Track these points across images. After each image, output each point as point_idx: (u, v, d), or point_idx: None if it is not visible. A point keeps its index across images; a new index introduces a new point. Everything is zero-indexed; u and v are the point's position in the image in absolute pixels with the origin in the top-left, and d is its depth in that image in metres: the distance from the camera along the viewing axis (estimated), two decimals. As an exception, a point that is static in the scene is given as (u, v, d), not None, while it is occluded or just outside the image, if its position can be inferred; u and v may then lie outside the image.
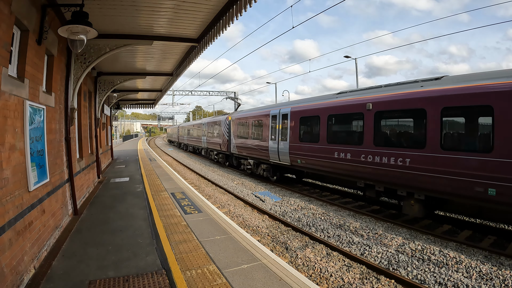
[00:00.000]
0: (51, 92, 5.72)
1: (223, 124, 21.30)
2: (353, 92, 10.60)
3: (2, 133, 3.56)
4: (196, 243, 5.42)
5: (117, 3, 5.50)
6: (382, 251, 6.71)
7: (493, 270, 5.70)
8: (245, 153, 17.58)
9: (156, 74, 12.18)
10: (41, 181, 4.86)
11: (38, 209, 4.66)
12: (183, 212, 7.41)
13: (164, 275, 4.20)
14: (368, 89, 10.00)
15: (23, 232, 3.98)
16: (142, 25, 6.71)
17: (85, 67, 7.13)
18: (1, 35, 3.52)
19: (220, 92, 46.31)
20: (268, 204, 11.05)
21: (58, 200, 5.91)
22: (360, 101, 9.61)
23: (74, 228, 6.17)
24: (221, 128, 21.61)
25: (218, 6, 5.81)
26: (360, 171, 9.35)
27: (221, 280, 4.07)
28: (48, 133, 5.37)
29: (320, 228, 8.35)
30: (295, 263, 6.34)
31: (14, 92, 3.90)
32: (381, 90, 9.24)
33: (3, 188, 3.51)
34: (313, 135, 11.80)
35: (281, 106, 14.39)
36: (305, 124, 12.49)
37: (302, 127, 12.57)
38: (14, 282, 3.57)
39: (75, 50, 4.82)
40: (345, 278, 5.64)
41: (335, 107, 10.74)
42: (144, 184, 11.18)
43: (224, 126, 21.09)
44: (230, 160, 21.05)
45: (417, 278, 5.64)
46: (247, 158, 17.50)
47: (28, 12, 4.34)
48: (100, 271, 4.32)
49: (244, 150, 17.74)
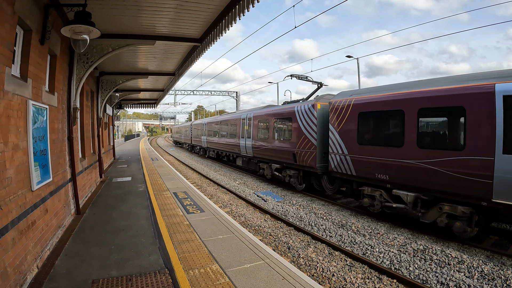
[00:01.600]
0: (53, 91, 5.74)
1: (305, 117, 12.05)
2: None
3: (6, 133, 3.57)
4: (198, 242, 5.43)
5: (119, 3, 5.50)
6: (384, 250, 6.70)
7: (495, 270, 5.68)
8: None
9: (158, 73, 12.20)
10: (44, 181, 4.87)
11: (41, 208, 4.68)
12: (185, 212, 7.42)
13: (167, 275, 4.21)
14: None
15: (26, 232, 3.99)
16: (144, 25, 6.71)
17: (88, 67, 7.14)
18: (4, 35, 3.53)
19: (221, 92, 46.38)
20: (270, 203, 11.05)
21: (61, 199, 5.93)
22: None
23: (77, 228, 6.18)
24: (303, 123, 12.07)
25: (220, 6, 5.80)
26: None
27: (224, 279, 4.07)
28: (51, 132, 5.39)
29: (322, 227, 8.34)
30: (297, 262, 6.34)
31: (17, 91, 3.92)
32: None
33: (6, 187, 3.52)
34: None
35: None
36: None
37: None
38: (17, 282, 3.58)
39: (78, 50, 4.83)
40: (347, 277, 5.64)
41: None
42: (146, 184, 11.20)
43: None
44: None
45: (419, 278, 5.63)
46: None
47: (31, 12, 4.36)
48: (103, 270, 4.33)
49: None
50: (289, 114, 12.89)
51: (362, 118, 9.44)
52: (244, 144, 17.56)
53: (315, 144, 11.17)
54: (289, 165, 12.99)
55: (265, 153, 15.02)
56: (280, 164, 13.67)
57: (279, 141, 13.78)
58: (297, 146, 12.11)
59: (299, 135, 11.98)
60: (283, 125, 13.90)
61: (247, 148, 17.14)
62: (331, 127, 10.43)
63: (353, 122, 9.63)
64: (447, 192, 7.14)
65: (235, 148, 19.13)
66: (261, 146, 15.37)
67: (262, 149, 15.27)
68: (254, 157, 16.45)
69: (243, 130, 17.74)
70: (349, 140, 9.77)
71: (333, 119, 10.36)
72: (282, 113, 13.66)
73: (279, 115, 13.93)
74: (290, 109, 12.83)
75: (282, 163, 13.47)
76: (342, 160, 9.91)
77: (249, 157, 17.16)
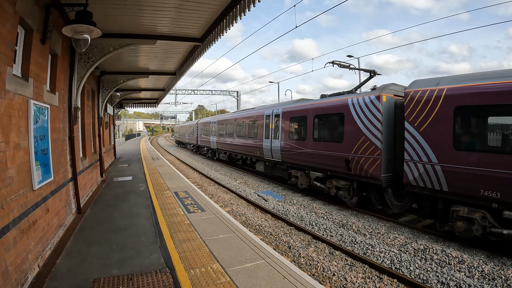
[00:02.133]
0: (55, 91, 5.75)
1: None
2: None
3: (7, 132, 3.58)
4: (199, 242, 5.43)
5: (120, 3, 5.51)
6: (385, 250, 6.70)
7: (495, 270, 5.68)
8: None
9: (159, 73, 12.20)
10: (45, 180, 4.88)
11: (42, 207, 4.69)
12: (186, 211, 7.43)
13: (168, 274, 4.22)
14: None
15: (28, 231, 4.00)
16: (145, 24, 6.72)
17: (89, 66, 7.15)
18: (6, 34, 3.54)
19: (222, 91, 46.39)
20: (271, 203, 11.06)
21: (62, 199, 5.94)
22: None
23: (78, 227, 6.20)
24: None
25: (221, 6, 5.80)
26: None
27: (225, 278, 4.08)
28: (52, 132, 5.40)
29: (323, 227, 8.35)
30: (298, 262, 6.34)
31: (18, 91, 3.93)
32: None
33: (8, 186, 3.53)
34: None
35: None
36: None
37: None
38: (19, 281, 3.59)
39: (79, 49, 4.84)
40: (347, 277, 5.64)
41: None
42: (147, 183, 11.22)
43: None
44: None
45: (420, 278, 5.63)
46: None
47: (32, 12, 4.36)
48: (104, 269, 4.34)
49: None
50: (339, 109, 10.23)
51: (461, 115, 7.03)
52: (268, 146, 14.66)
53: (380, 148, 8.65)
54: (337, 174, 10.37)
55: (300, 157, 12.18)
56: (323, 173, 10.95)
57: (323, 144, 11.02)
58: (352, 150, 9.50)
59: (356, 136, 9.39)
60: (329, 123, 11.09)
61: (273, 151, 14.22)
62: (408, 126, 7.84)
63: (446, 120, 7.18)
64: None
65: (256, 151, 16.13)
66: (295, 149, 12.49)
67: (296, 153, 12.38)
68: (282, 162, 13.50)
69: (268, 129, 14.90)
70: (439, 144, 7.27)
71: (413, 116, 7.77)
72: (328, 108, 10.91)
73: (324, 110, 11.16)
74: (340, 103, 10.18)
75: (326, 171, 10.80)
76: (426, 171, 7.43)
77: (275, 162, 14.19)
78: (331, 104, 10.83)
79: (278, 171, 14.39)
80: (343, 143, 9.96)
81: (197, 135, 31.54)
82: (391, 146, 8.76)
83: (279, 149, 13.57)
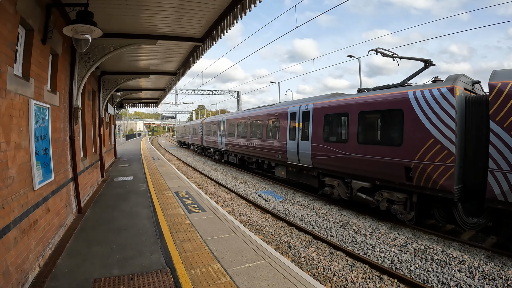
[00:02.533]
0: (55, 91, 5.75)
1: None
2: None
3: (8, 132, 3.58)
4: (200, 241, 5.44)
5: (121, 3, 5.51)
6: (385, 250, 6.70)
7: (495, 270, 5.68)
8: None
9: (160, 73, 12.20)
10: (46, 180, 4.89)
11: (43, 207, 4.70)
12: (187, 211, 7.43)
13: (169, 274, 4.22)
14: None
15: (28, 231, 4.00)
16: (146, 24, 6.72)
17: (89, 66, 7.15)
18: (7, 34, 3.54)
19: (223, 91, 46.42)
20: (271, 203, 11.05)
21: (63, 198, 5.94)
22: None
23: (79, 227, 6.20)
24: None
25: (222, 6, 5.81)
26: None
27: (226, 278, 4.08)
28: (53, 132, 5.40)
29: (323, 227, 8.34)
30: (298, 262, 6.34)
31: (19, 91, 3.93)
32: None
33: (9, 186, 3.53)
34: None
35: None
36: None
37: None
38: (19, 281, 3.60)
39: (79, 49, 4.84)
40: (348, 277, 5.64)
41: None
42: (147, 183, 11.22)
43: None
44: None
45: (420, 278, 5.63)
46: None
47: (33, 12, 4.37)
48: (104, 269, 4.34)
49: None
50: (396, 104, 8.29)
51: None
52: (294, 149, 12.56)
53: (454, 154, 6.98)
54: (389, 185, 8.48)
55: (339, 163, 10.07)
56: (371, 182, 9.00)
57: (372, 147, 8.90)
58: (416, 156, 7.64)
59: (422, 138, 7.58)
60: (381, 122, 9.00)
61: (300, 155, 12.13)
62: (495, 126, 6.41)
63: None
64: None
65: (276, 154, 14.06)
66: (331, 153, 10.37)
67: (333, 158, 10.26)
68: (313, 168, 11.47)
69: (293, 129, 12.81)
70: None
71: (501, 114, 6.36)
72: (379, 103, 8.83)
73: (373, 105, 9.08)
74: (398, 97, 8.28)
75: (374, 181, 8.86)
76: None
77: (303, 168, 12.18)
78: (384, 98, 8.69)
79: (305, 178, 12.35)
80: (402, 146, 8.03)
81: (202, 136, 29.19)
82: (462, 151, 7.21)
83: (309, 153, 11.47)
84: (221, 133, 22.73)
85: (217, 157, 24.60)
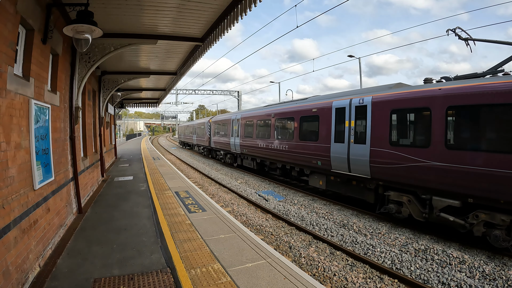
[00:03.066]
0: (56, 91, 5.75)
1: None
2: None
3: (8, 132, 3.58)
4: (200, 241, 5.43)
5: (122, 2, 5.51)
6: (386, 250, 6.69)
7: (496, 270, 5.68)
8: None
9: (160, 73, 12.20)
10: (46, 180, 4.89)
11: (43, 207, 4.70)
12: (187, 211, 7.43)
13: (169, 274, 4.22)
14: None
15: (28, 231, 4.00)
16: (146, 24, 6.72)
17: (90, 66, 7.15)
18: (7, 34, 3.54)
19: (223, 91, 46.43)
20: (271, 203, 11.05)
21: (63, 198, 5.94)
22: None
23: (79, 227, 6.20)
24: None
25: (222, 6, 5.80)
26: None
27: (226, 278, 4.08)
28: (53, 131, 5.40)
29: (324, 227, 8.34)
30: (298, 262, 6.34)
31: (19, 91, 3.93)
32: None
33: (9, 186, 3.53)
34: None
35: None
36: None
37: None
38: (19, 280, 3.60)
39: (80, 49, 4.84)
40: (348, 277, 5.63)
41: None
42: (148, 183, 11.22)
43: None
44: None
45: (421, 278, 5.62)
46: None
47: (33, 12, 4.37)
48: (105, 269, 4.34)
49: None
50: (509, 97, 5.99)
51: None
52: (342, 154, 9.97)
53: None
54: (491, 203, 6.35)
55: (414, 174, 7.64)
56: (461, 200, 6.82)
57: (470, 154, 6.59)
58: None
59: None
60: (484, 121, 6.68)
61: (352, 162, 9.58)
62: None
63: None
64: None
65: (314, 160, 11.38)
66: (402, 161, 7.90)
67: (406, 168, 7.80)
68: (371, 178, 8.97)
69: (340, 128, 10.20)
70: None
71: None
72: (480, 95, 6.49)
73: (470, 98, 6.66)
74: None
75: (466, 198, 6.68)
76: None
77: (354, 178, 9.64)
78: (486, 88, 6.41)
79: (356, 191, 9.88)
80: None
81: (210, 136, 25.97)
82: None
83: (367, 160, 8.96)
84: (234, 133, 19.77)
85: (228, 160, 21.83)
